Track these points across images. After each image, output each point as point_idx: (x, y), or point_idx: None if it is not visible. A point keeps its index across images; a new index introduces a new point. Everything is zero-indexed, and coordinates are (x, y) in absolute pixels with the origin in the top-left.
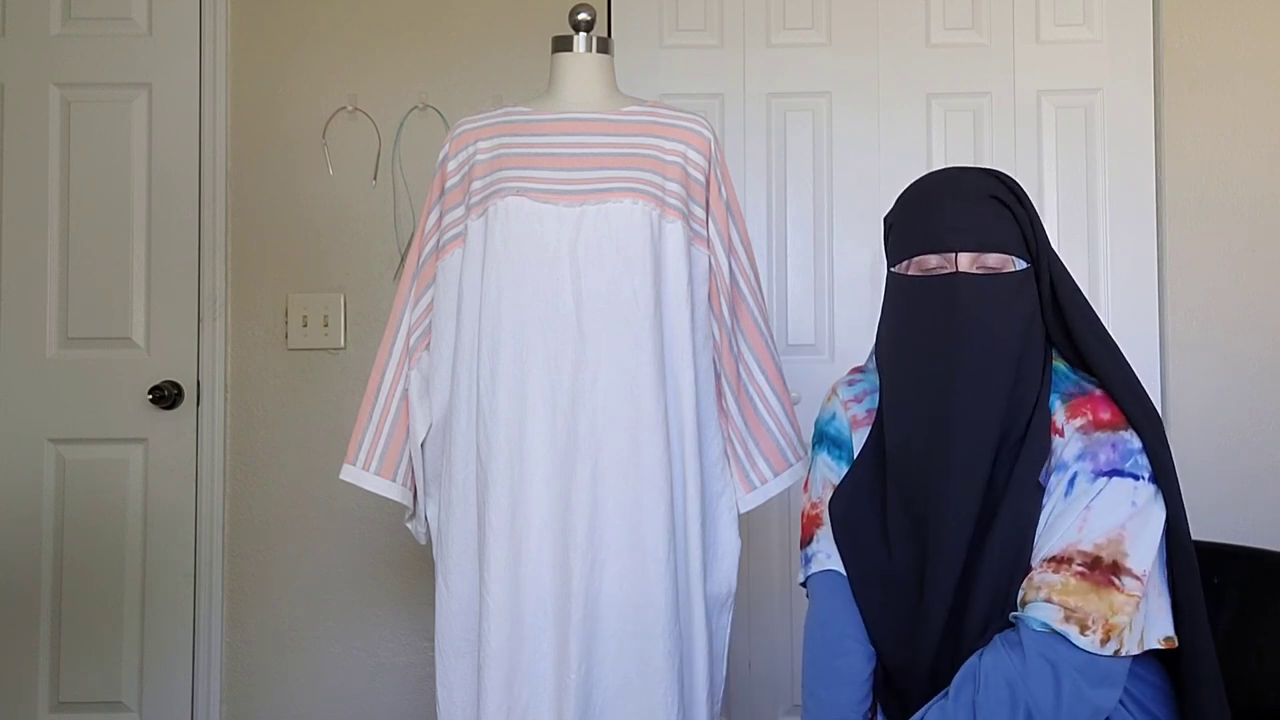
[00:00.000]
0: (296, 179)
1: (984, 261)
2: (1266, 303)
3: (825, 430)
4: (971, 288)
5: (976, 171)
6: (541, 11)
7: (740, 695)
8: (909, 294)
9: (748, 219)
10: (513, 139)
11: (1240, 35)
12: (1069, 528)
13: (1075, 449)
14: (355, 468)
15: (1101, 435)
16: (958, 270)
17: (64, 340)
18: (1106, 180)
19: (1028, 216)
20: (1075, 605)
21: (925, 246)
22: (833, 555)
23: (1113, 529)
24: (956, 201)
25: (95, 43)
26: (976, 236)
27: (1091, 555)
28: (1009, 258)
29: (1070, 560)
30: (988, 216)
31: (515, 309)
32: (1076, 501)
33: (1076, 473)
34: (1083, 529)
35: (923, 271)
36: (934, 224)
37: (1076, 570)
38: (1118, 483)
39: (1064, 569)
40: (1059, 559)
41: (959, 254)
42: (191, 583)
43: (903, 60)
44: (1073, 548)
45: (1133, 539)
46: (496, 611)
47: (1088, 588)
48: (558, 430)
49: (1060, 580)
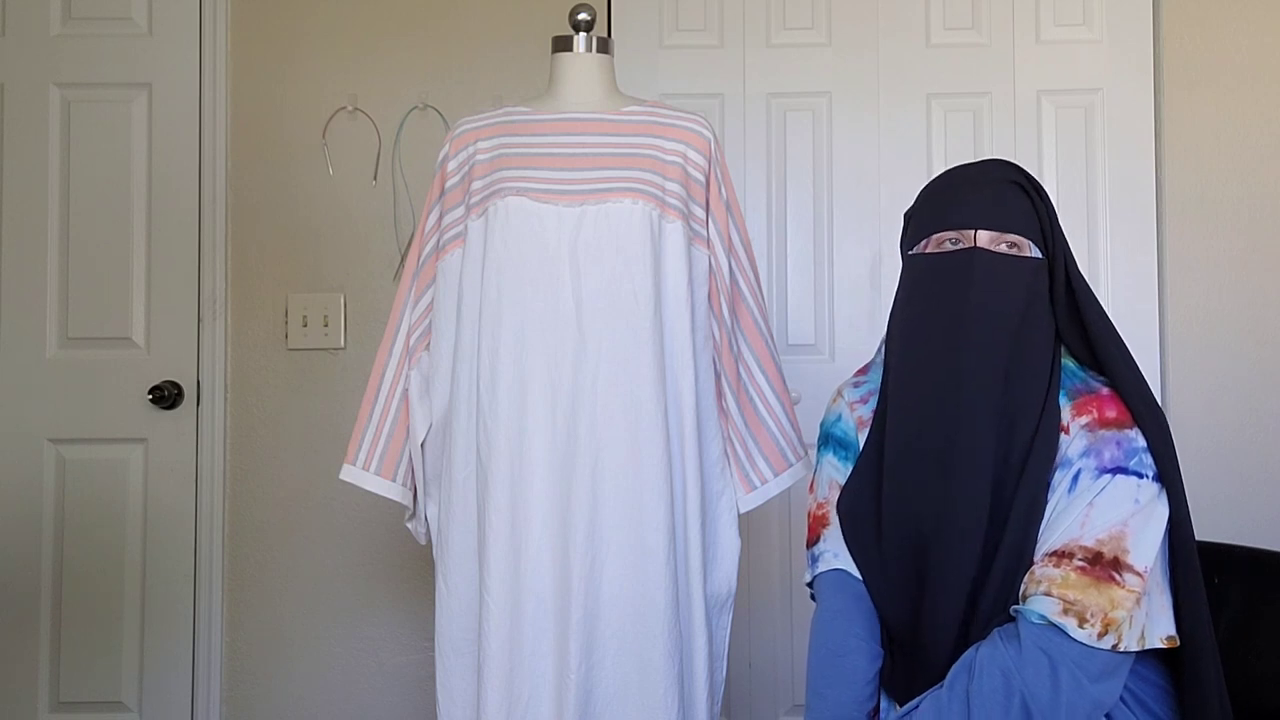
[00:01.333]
0: (296, 179)
1: (1002, 242)
2: (1266, 303)
3: (831, 431)
4: (988, 263)
5: (997, 161)
6: (541, 11)
7: (740, 695)
8: (926, 269)
9: (748, 219)
10: (513, 139)
11: (1240, 35)
12: (1071, 523)
13: (1080, 446)
14: (355, 468)
15: (1106, 433)
16: (976, 245)
17: (64, 340)
18: (1106, 180)
19: (1046, 210)
20: (1074, 599)
21: (945, 224)
22: (840, 554)
23: (1115, 525)
24: (978, 187)
25: (95, 43)
26: (996, 217)
27: (1093, 550)
28: (1026, 242)
29: (1071, 555)
30: (1008, 201)
31: (515, 309)
32: (1079, 498)
33: (1080, 469)
34: (1085, 525)
35: (941, 249)
36: (955, 205)
37: (1077, 565)
38: (1121, 480)
39: (1065, 563)
40: (1060, 553)
41: (978, 232)
42: (191, 583)
43: (903, 60)
44: (1074, 543)
45: (1134, 536)
46: (496, 611)
47: (1088, 582)
48: (558, 430)
49: (1060, 574)
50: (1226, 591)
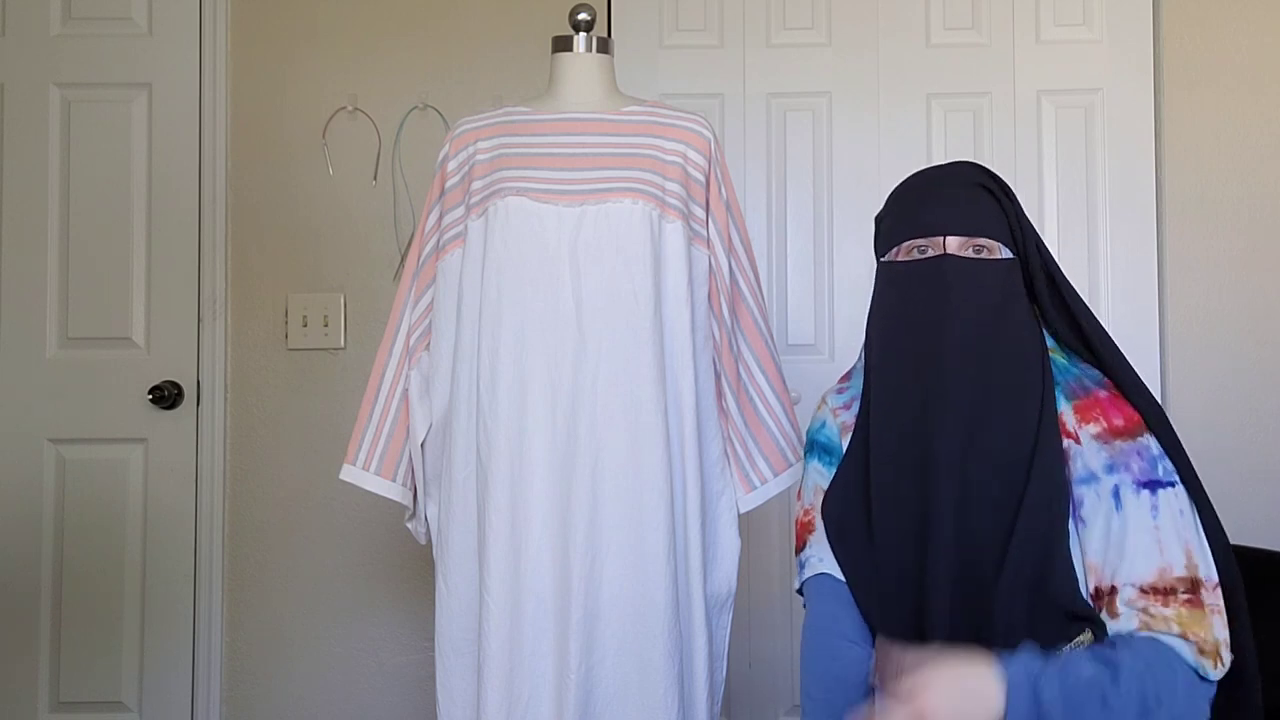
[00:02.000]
0: (296, 179)
1: (970, 246)
2: (1266, 303)
3: (815, 439)
4: (959, 268)
5: (962, 164)
6: (541, 11)
7: (740, 695)
8: (899, 278)
9: (748, 219)
10: (513, 139)
11: (1240, 35)
12: (1147, 548)
13: (1102, 460)
14: (355, 468)
15: (1123, 444)
16: (946, 253)
17: (64, 340)
18: (1106, 180)
19: (1014, 209)
20: (1203, 637)
21: (914, 232)
22: (825, 559)
23: (1185, 544)
24: (944, 190)
25: (95, 43)
26: (964, 221)
27: (1188, 579)
28: (996, 244)
29: (1174, 590)
30: (975, 203)
31: (515, 309)
32: (1135, 517)
33: (1118, 485)
34: (1163, 550)
35: (911, 257)
36: (922, 211)
37: (1183, 599)
38: (1164, 495)
39: (1172, 601)
40: (1164, 590)
41: (948, 237)
42: (191, 583)
43: (903, 60)
44: (1169, 573)
45: (1199, 550)
46: (496, 611)
47: (1200, 615)
48: (558, 430)
49: (1174, 612)
50: None
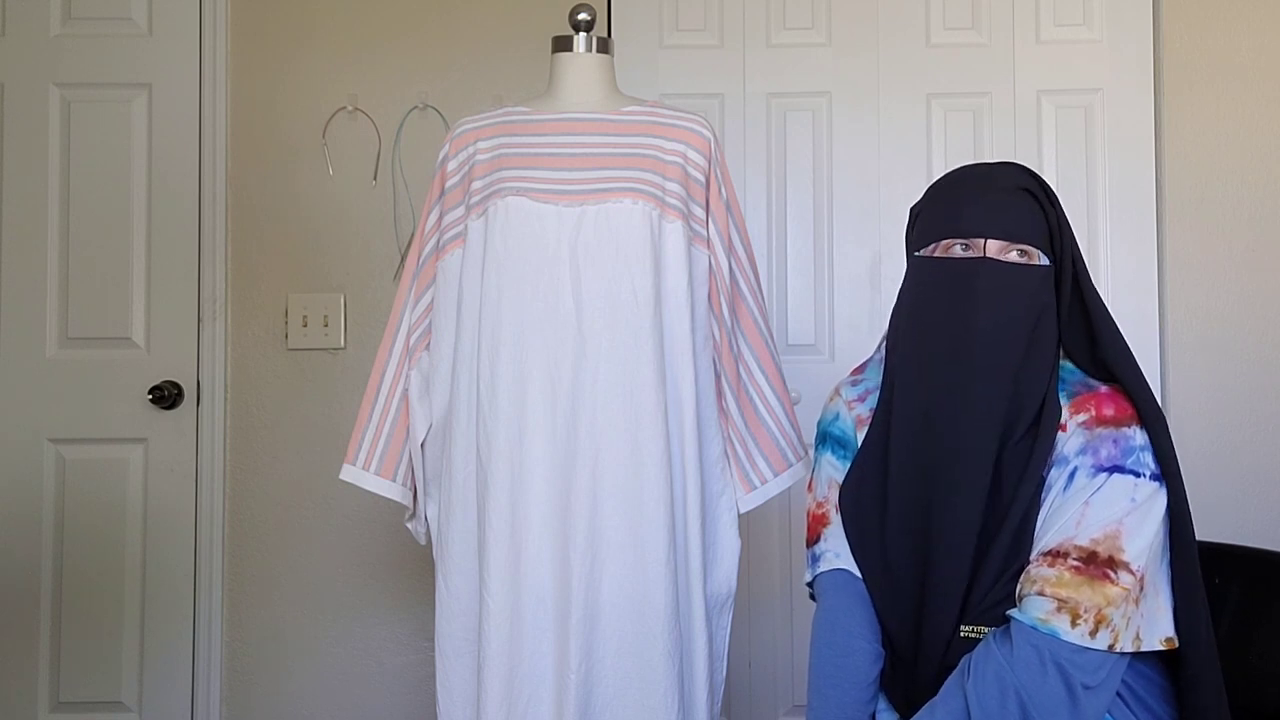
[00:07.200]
0: (296, 179)
1: (1012, 250)
2: (1266, 303)
3: (829, 430)
4: (996, 273)
5: (1009, 165)
6: (541, 11)
7: (740, 695)
8: (934, 273)
9: (748, 219)
10: (513, 139)
11: (1240, 35)
12: (1066, 522)
13: (1076, 444)
14: (355, 468)
15: (1104, 431)
16: (985, 255)
17: (64, 340)
18: (1106, 180)
19: (1056, 216)
20: (1067, 597)
21: (955, 231)
22: (841, 554)
23: (1110, 524)
24: (988, 193)
25: (95, 43)
26: (1006, 226)
27: (1087, 550)
28: (1035, 251)
29: (1066, 554)
30: (1018, 209)
31: (515, 309)
32: (1075, 496)
33: (1076, 467)
34: (1080, 524)
35: (949, 255)
36: (965, 211)
37: (1071, 564)
38: (1118, 479)
39: (1059, 563)
40: (1055, 553)
41: (988, 241)
42: (191, 583)
43: (903, 60)
44: (1069, 542)
45: (1129, 534)
46: (496, 611)
47: (1081, 581)
48: (558, 430)
49: (1055, 574)
50: (1226, 591)
